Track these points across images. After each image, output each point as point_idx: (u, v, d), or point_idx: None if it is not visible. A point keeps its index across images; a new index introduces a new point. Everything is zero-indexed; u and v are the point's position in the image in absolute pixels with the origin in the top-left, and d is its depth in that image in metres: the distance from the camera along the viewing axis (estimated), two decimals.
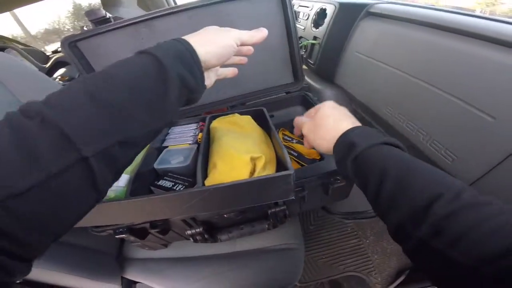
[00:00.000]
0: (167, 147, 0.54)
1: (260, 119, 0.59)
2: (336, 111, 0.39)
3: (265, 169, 0.41)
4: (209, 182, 0.40)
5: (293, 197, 0.38)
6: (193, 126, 0.62)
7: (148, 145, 0.50)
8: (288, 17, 0.63)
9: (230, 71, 0.42)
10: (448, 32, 0.47)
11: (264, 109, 0.58)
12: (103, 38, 0.60)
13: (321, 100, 0.74)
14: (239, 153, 0.41)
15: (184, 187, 0.43)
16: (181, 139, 0.57)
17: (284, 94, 0.74)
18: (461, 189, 0.24)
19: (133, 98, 0.23)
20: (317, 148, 0.39)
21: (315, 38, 0.84)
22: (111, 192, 0.43)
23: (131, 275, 0.67)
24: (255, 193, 0.37)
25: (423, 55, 0.51)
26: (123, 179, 0.44)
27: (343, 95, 0.83)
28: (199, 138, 0.55)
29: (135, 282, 0.69)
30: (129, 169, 0.46)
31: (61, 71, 1.32)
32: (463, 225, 0.22)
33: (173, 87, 0.26)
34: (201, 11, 0.62)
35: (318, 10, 0.82)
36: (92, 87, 0.22)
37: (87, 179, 0.21)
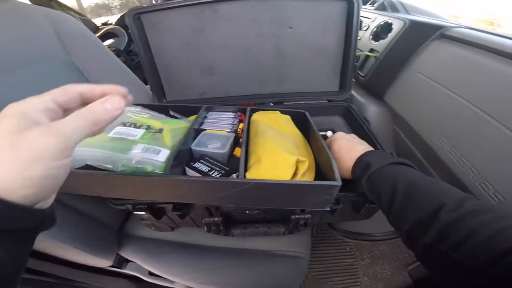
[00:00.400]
0: (205, 130, 0.54)
1: (300, 122, 0.57)
2: (347, 142, 0.45)
3: (305, 175, 0.40)
4: (250, 175, 0.39)
5: (329, 209, 0.36)
6: (231, 114, 0.61)
7: (189, 125, 0.51)
8: (352, 24, 0.61)
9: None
10: None
11: (307, 113, 0.56)
12: (166, 14, 0.62)
13: (362, 114, 0.71)
14: (286, 153, 0.40)
15: (220, 174, 0.42)
16: (218, 125, 0.57)
17: (326, 101, 0.71)
18: (463, 198, 0.27)
19: None
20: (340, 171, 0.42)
21: (371, 50, 0.81)
22: (148, 166, 0.40)
23: (127, 253, 0.64)
24: (294, 196, 0.36)
25: (496, 89, 0.47)
26: (163, 154, 0.42)
27: (387, 113, 0.79)
28: (240, 129, 0.55)
29: (127, 261, 0.67)
30: (170, 144, 0.45)
31: (109, 41, 1.40)
32: (466, 230, 0.25)
33: None
34: (263, 3, 0.62)
35: (382, 23, 0.79)
36: None
37: None
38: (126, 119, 0.50)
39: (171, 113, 0.59)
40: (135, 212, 0.46)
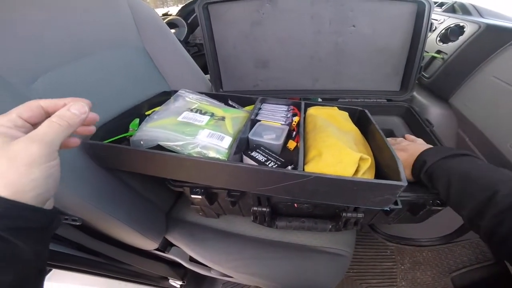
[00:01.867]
0: (260, 121, 0.57)
1: (357, 121, 0.58)
2: (409, 149, 0.47)
3: (366, 173, 0.40)
4: (309, 168, 0.39)
5: (388, 209, 0.36)
6: (284, 107, 0.64)
7: (247, 115, 0.54)
8: (421, 25, 0.61)
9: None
10: None
11: (367, 111, 0.56)
12: (230, 5, 0.67)
13: (424, 115, 0.69)
14: (350, 149, 0.40)
15: (276, 165, 0.43)
16: (273, 117, 0.59)
17: (385, 101, 0.70)
18: None
19: None
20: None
21: (438, 52, 0.78)
22: (212, 151, 0.43)
23: (172, 237, 0.67)
24: (355, 193, 0.36)
25: None
26: (226, 141, 0.45)
27: (451, 116, 0.76)
28: (295, 122, 0.56)
29: (171, 245, 0.70)
30: (232, 132, 0.48)
31: (171, 31, 1.50)
32: None
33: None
34: (325, 1, 0.63)
35: (452, 26, 0.77)
36: None
37: None
38: (192, 105, 0.54)
39: (230, 102, 0.63)
40: (192, 195, 0.49)
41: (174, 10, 1.80)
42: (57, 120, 0.24)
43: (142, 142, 0.45)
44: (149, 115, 0.52)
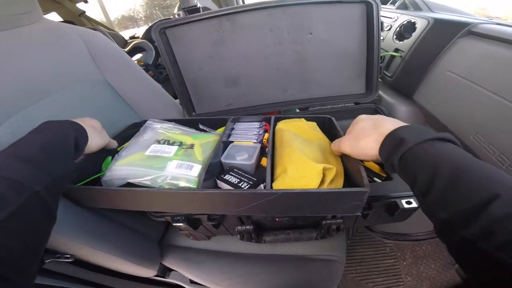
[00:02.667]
0: (232, 142, 0.58)
1: (326, 128, 0.60)
2: (373, 119, 0.39)
3: (333, 182, 0.41)
4: (277, 185, 0.41)
5: (360, 214, 0.37)
6: (256, 124, 0.65)
7: (218, 138, 0.55)
8: (372, 25, 0.64)
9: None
10: None
11: (333, 119, 0.58)
12: (189, 27, 0.68)
13: (392, 115, 0.72)
14: (312, 161, 0.41)
15: (249, 185, 0.46)
16: (245, 136, 0.61)
17: (353, 104, 0.73)
18: None
19: (47, 152, 0.35)
20: (364, 158, 0.39)
21: (396, 50, 0.82)
22: (182, 181, 0.44)
23: (169, 262, 0.68)
24: (323, 204, 0.38)
25: None
26: (195, 169, 0.46)
27: (418, 112, 0.80)
28: (265, 139, 0.58)
29: (170, 270, 0.72)
30: (201, 159, 0.49)
31: (138, 56, 1.50)
32: None
33: (71, 145, 0.39)
34: (281, 10, 0.65)
35: (405, 23, 0.80)
36: (20, 151, 0.33)
37: (43, 209, 0.31)
38: (160, 136, 0.55)
39: (201, 127, 0.64)
40: (174, 224, 0.50)
41: (144, 29, 1.80)
42: (110, 141, 0.54)
43: (113, 181, 0.46)
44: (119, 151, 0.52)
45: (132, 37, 2.02)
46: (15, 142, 0.34)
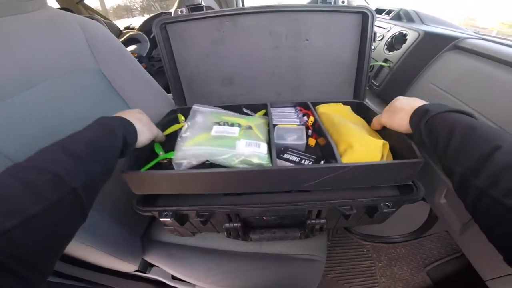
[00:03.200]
0: (276, 125, 0.63)
1: (357, 112, 0.68)
2: (407, 98, 0.48)
3: (388, 156, 0.49)
4: (346, 159, 0.46)
5: (411, 183, 0.47)
6: (292, 109, 0.74)
7: (265, 120, 0.62)
8: (366, 35, 0.66)
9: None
10: None
11: (366, 101, 0.66)
12: (190, 24, 0.69)
13: None
14: (375, 138, 0.49)
15: (311, 162, 0.51)
16: (287, 120, 0.67)
17: None
18: None
19: (92, 150, 0.35)
20: (398, 128, 0.47)
21: (386, 60, 0.85)
22: (254, 159, 0.47)
23: (151, 258, 0.69)
24: (385, 174, 0.45)
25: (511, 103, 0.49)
26: (263, 147, 0.50)
27: None
28: (311, 121, 0.64)
29: (151, 265, 0.72)
30: (263, 137, 0.54)
31: (132, 47, 1.48)
32: None
33: (119, 143, 0.39)
34: (281, 16, 0.68)
35: (397, 34, 0.83)
36: (67, 145, 0.34)
37: (77, 207, 0.31)
38: (216, 119, 0.60)
39: (244, 110, 0.72)
40: (161, 219, 0.50)
41: (139, 20, 1.77)
42: (158, 133, 0.55)
43: (185, 162, 0.48)
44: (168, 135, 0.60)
45: (127, 28, 1.99)
46: (66, 137, 0.35)
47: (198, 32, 0.70)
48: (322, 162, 0.50)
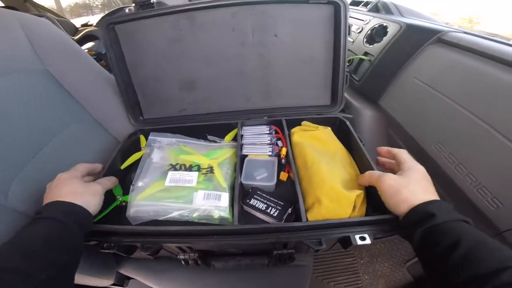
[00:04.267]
0: (246, 156, 0.60)
1: (338, 132, 0.63)
2: (426, 181, 0.42)
3: (361, 206, 0.45)
4: (312, 216, 0.43)
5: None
6: (265, 128, 0.66)
7: (233, 153, 0.59)
8: (339, 30, 0.59)
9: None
10: None
11: (348, 123, 0.60)
12: (142, 23, 0.61)
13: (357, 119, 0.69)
14: (345, 191, 0.44)
15: (277, 211, 0.47)
16: (258, 147, 0.61)
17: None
18: None
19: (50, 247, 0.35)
20: (388, 206, 0.41)
21: (366, 54, 0.79)
22: (215, 213, 0.45)
23: (126, 271, 0.66)
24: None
25: (493, 96, 0.49)
26: (224, 198, 0.46)
27: (382, 118, 0.80)
28: (283, 154, 0.59)
29: (129, 278, 0.69)
30: (226, 186, 0.49)
31: (89, 44, 1.37)
32: None
33: (75, 232, 0.39)
34: (245, 9, 0.60)
35: (377, 26, 0.78)
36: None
37: None
38: (172, 158, 0.56)
39: (209, 137, 0.65)
40: (101, 250, 0.44)
41: (96, 19, 1.66)
42: (108, 179, 0.51)
43: (140, 218, 0.47)
44: (123, 169, 0.58)
45: (85, 25, 1.88)
46: (19, 234, 0.36)
47: (152, 31, 0.62)
48: (289, 210, 0.48)
